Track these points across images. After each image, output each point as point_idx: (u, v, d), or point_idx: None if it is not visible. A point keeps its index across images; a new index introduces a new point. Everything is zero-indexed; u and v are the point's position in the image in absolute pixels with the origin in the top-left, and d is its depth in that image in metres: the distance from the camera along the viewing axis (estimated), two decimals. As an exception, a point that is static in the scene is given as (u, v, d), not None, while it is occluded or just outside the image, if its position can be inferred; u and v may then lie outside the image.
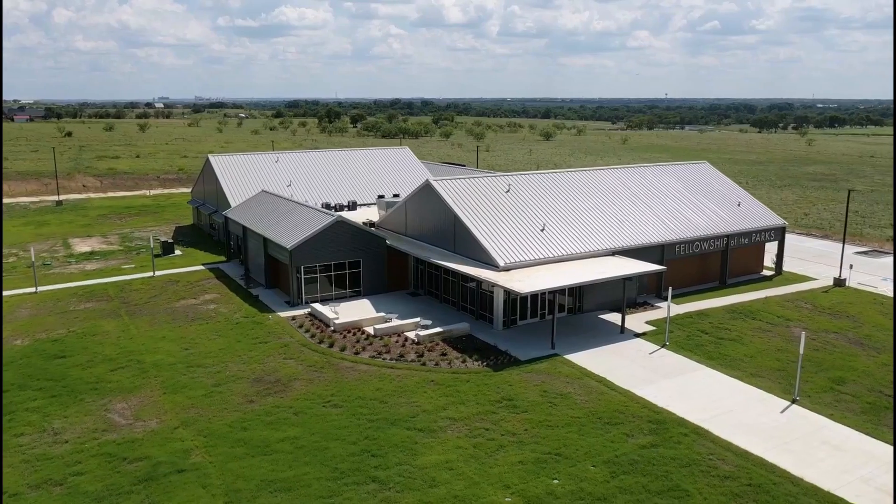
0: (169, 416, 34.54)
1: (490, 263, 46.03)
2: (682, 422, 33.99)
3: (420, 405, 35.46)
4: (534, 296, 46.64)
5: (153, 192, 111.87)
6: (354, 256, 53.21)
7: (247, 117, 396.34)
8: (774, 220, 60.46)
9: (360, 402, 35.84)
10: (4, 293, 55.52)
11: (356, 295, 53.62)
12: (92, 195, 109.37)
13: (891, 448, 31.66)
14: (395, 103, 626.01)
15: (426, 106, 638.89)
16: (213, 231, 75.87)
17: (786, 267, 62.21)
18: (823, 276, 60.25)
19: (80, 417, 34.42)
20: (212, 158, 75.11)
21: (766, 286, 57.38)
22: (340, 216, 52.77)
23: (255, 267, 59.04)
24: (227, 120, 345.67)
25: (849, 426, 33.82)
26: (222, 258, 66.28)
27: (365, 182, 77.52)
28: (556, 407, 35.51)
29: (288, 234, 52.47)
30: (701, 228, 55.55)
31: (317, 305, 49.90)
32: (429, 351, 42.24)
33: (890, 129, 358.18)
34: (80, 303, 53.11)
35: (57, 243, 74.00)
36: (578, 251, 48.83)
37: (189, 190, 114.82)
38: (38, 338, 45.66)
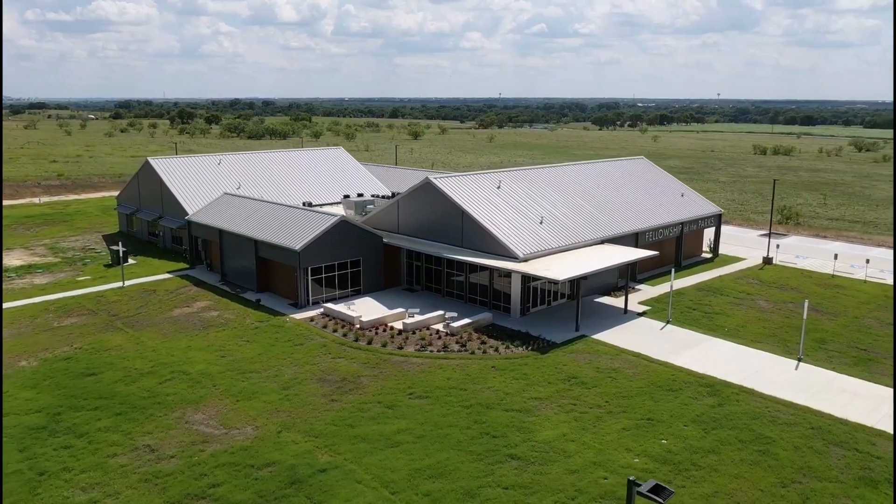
0: (260, 421, 34.06)
1: (509, 255, 48.70)
2: (727, 384, 38.84)
3: (499, 389, 37.58)
4: (534, 285, 49.98)
5: (42, 199, 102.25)
6: (355, 255, 53.68)
7: (95, 119, 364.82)
8: (713, 208, 68.27)
9: (442, 391, 37.29)
10: (-39, 313, 50.12)
11: (357, 293, 54.09)
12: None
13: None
14: (235, 104, 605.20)
15: (268, 106, 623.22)
16: (155, 238, 71.83)
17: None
18: (751, 257, 68.90)
19: (166, 432, 33.03)
20: (153, 162, 71.07)
21: (711, 267, 64.79)
22: (343, 216, 53.02)
23: (234, 271, 57.45)
24: (68, 122, 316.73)
25: (852, 376, 40.33)
26: (182, 265, 63.40)
27: (312, 183, 76.93)
28: (617, 380, 39.11)
29: (290, 236, 51.87)
30: (662, 217, 61.74)
31: (331, 305, 49.97)
32: (469, 341, 44.25)
33: (705, 126, 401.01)
34: (61, 318, 49.20)
35: (-28, 258, 66.63)
36: (575, 241, 52.77)
37: (82, 196, 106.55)
38: (45, 357, 42.19)
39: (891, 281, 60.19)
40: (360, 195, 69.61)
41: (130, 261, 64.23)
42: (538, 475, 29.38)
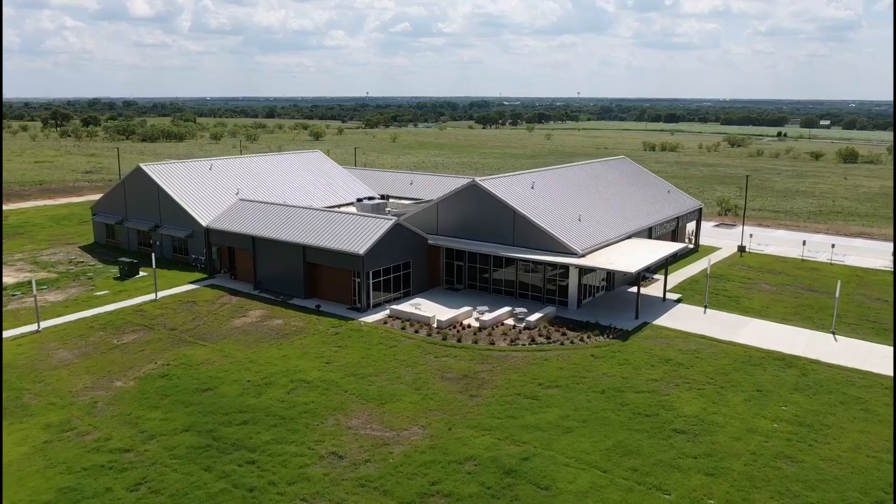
0: (421, 421, 35.06)
1: (566, 251, 51.77)
2: (794, 357, 44.09)
3: (615, 375, 40.63)
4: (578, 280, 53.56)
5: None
6: (406, 257, 54.69)
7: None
8: (694, 203, 74.82)
9: (567, 380, 39.78)
10: (5, 333, 46.36)
11: (407, 295, 55.12)
12: None
13: (923, 353, 45.25)
14: (93, 103, 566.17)
15: (129, 106, 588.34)
16: (148, 248, 68.32)
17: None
18: (724, 246, 76.18)
19: (338, 439, 33.33)
20: (147, 169, 67.51)
21: (698, 257, 71.14)
22: (398, 219, 53.87)
23: (270, 278, 56.60)
24: None
25: (883, 344, 46.94)
26: (198, 275, 61.19)
27: (305, 186, 76.06)
28: (703, 359, 43.33)
29: (349, 240, 52.06)
30: (666, 212, 67.23)
31: (397, 307, 50.87)
32: (550, 333, 46.94)
33: (583, 124, 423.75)
34: (117, 335, 46.79)
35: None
36: (610, 237, 56.71)
37: (13, 207, 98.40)
38: (137, 376, 40.42)
39: (853, 262, 69.11)
40: (369, 198, 70.07)
41: (142, 273, 61.14)
42: (712, 444, 32.81)
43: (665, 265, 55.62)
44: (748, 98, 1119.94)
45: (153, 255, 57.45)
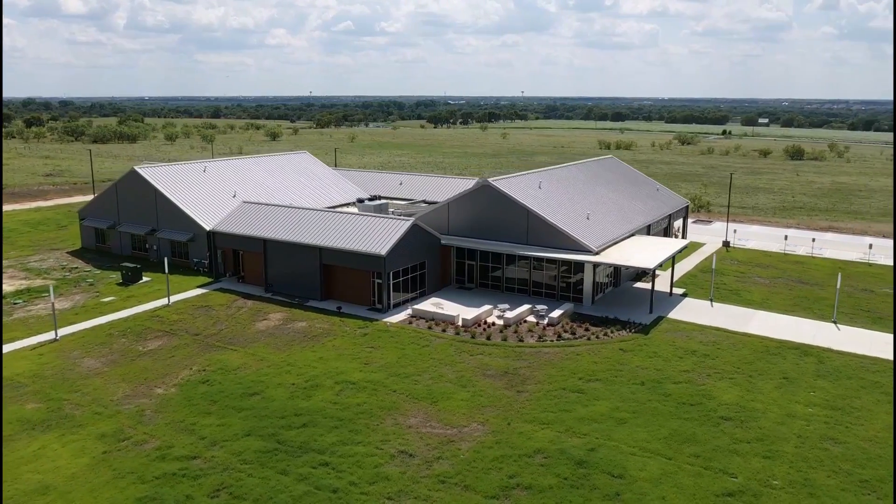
0: (479, 417, 35.79)
1: (581, 249, 53.16)
2: (807, 346, 46.49)
3: (648, 367, 42.16)
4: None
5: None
6: (422, 257, 55.21)
7: None
8: (681, 200, 77.46)
9: (605, 373, 41.11)
10: (20, 343, 45.04)
11: (422, 294, 55.63)
12: None
13: (920, 338, 48.35)
14: (28, 103, 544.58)
15: (66, 106, 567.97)
16: (143, 252, 66.84)
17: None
18: (709, 242, 79.11)
19: (400, 437, 33.78)
20: (143, 171, 65.97)
21: (687, 252, 73.75)
22: (415, 220, 54.30)
23: (282, 281, 56.31)
24: None
25: (882, 331, 49.89)
26: (203, 279, 60.28)
27: (298, 187, 75.54)
28: (724, 350, 45.32)
29: (368, 241, 52.25)
30: (660, 210, 69.49)
31: (419, 307, 51.40)
32: (578, 328, 48.24)
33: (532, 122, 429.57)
34: (142, 342, 45.97)
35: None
36: (618, 234, 58.43)
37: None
38: (176, 383, 39.93)
39: (830, 255, 72.80)
40: (371, 198, 70.18)
41: (145, 278, 59.87)
42: (759, 430, 34.58)
43: (672, 261, 57.63)
44: (686, 97, 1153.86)
45: (165, 259, 56.48)
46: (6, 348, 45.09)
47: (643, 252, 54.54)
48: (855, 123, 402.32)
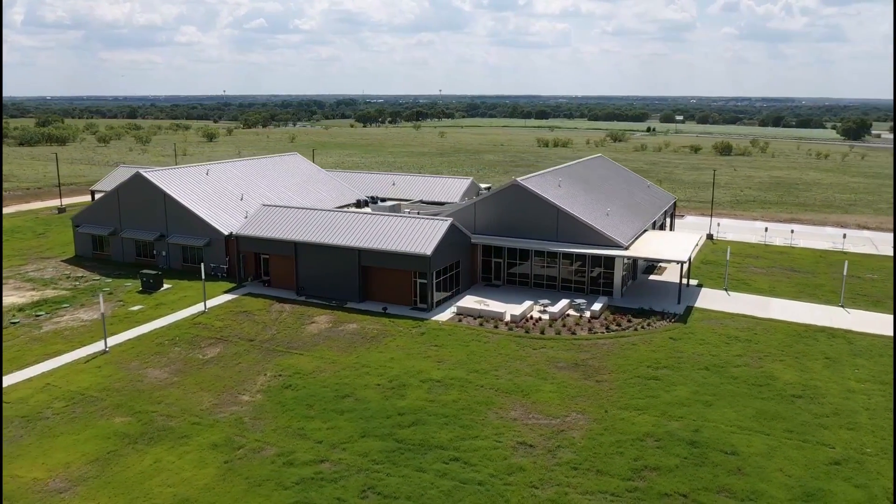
0: (575, 407, 37.39)
1: (611, 244, 55.55)
2: (830, 329, 50.42)
3: (703, 353, 44.89)
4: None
5: None
6: (457, 256, 56.27)
7: None
8: (670, 196, 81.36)
9: (669, 361, 43.53)
10: (69, 356, 43.29)
11: (457, 293, 56.70)
12: None
13: (921, 318, 53.32)
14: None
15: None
16: (150, 259, 64.73)
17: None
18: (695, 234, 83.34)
19: (512, 430, 34.97)
20: (149, 175, 63.80)
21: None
22: (452, 220, 55.24)
23: (314, 283, 56.12)
24: None
25: (884, 313, 54.63)
26: (225, 284, 59.16)
27: (298, 189, 74.86)
28: (761, 335, 48.69)
29: (410, 242, 52.85)
30: (658, 205, 72.93)
31: (465, 304, 52.48)
32: (622, 320, 50.54)
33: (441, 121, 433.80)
34: (199, 350, 45.12)
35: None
36: (637, 229, 61.26)
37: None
38: (260, 389, 39.64)
39: (806, 245, 78.42)
40: (371, 199, 70.53)
41: (166, 285, 58.22)
42: (830, 405, 37.76)
43: (690, 254, 60.93)
44: (598, 94, 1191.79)
45: (202, 266, 55.21)
46: (55, 362, 43.37)
47: (665, 245, 57.56)
48: (765, 120, 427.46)
